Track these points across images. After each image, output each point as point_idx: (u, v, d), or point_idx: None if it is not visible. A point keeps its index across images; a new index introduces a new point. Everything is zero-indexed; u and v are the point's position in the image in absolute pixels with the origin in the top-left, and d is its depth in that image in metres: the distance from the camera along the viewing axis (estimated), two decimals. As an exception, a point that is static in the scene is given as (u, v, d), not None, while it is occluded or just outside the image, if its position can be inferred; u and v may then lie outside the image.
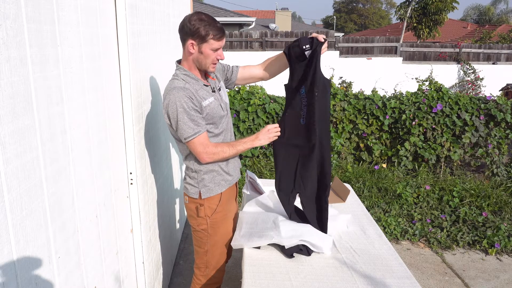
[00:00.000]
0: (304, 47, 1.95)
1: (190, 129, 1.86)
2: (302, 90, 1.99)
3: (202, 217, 2.05)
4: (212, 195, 2.03)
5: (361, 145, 4.95)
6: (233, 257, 3.04)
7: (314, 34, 1.99)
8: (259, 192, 2.46)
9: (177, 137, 1.97)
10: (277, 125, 2.06)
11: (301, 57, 1.99)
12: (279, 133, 2.05)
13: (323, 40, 1.94)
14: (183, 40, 1.92)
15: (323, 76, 1.97)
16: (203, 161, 1.95)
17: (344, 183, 2.72)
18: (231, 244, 2.04)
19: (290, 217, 2.13)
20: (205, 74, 2.05)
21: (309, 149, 2.01)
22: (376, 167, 4.69)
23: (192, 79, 1.94)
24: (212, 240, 2.09)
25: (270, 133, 2.03)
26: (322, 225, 2.09)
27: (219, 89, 2.09)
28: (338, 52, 10.32)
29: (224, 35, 1.93)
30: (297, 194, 2.11)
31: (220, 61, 2.02)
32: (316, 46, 1.93)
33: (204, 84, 1.98)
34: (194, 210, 2.06)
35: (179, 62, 2.02)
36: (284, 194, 2.12)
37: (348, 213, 2.38)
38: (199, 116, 1.89)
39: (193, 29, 1.85)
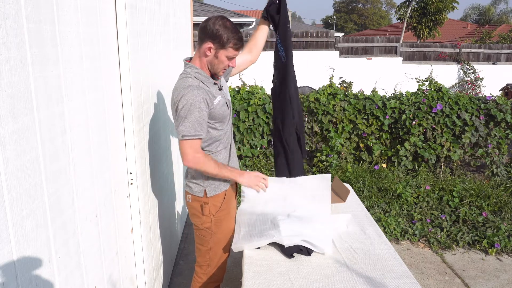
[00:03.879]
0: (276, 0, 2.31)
1: (192, 129, 1.86)
2: (277, 42, 2.37)
3: (206, 215, 2.06)
4: (218, 193, 2.05)
5: (361, 145, 4.95)
6: (233, 257, 3.03)
7: None
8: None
9: None
10: (266, 178, 2.12)
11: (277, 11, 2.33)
12: (264, 187, 2.10)
13: None
14: (201, 40, 1.93)
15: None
16: (186, 163, 1.93)
17: (344, 183, 2.72)
18: (232, 247, 2.03)
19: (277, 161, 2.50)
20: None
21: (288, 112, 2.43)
22: (376, 167, 4.69)
23: (204, 77, 1.96)
24: (216, 238, 2.11)
25: (257, 180, 2.07)
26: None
27: (222, 88, 2.11)
28: (338, 52, 10.32)
29: (243, 45, 1.97)
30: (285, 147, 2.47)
31: None
32: None
33: (213, 83, 2.01)
34: (198, 209, 2.07)
35: (188, 59, 2.03)
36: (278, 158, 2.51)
37: (348, 213, 2.38)
38: (205, 121, 1.91)
39: (216, 33, 1.86)
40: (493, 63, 10.56)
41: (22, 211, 1.09)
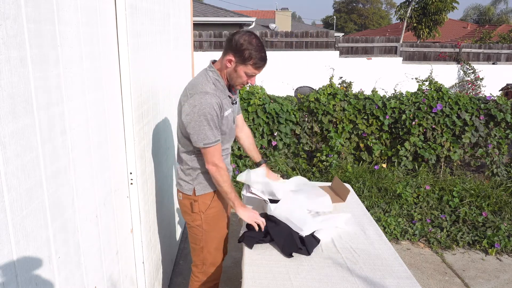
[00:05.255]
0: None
1: (212, 137, 1.90)
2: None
3: (196, 213, 2.10)
4: (206, 192, 2.08)
5: (361, 145, 4.95)
6: (233, 257, 3.04)
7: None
8: (257, 194, 2.45)
9: (187, 136, 1.98)
10: (263, 220, 2.07)
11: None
12: (260, 224, 2.04)
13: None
14: (225, 50, 1.95)
15: None
16: (209, 166, 1.97)
17: (344, 183, 2.72)
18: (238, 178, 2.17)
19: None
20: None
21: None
22: (376, 167, 4.69)
23: (221, 86, 1.99)
24: (207, 236, 2.13)
25: (254, 218, 2.05)
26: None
27: (236, 102, 2.15)
28: (338, 52, 10.32)
29: (264, 66, 1.96)
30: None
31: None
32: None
33: (228, 95, 2.03)
34: (188, 206, 2.11)
35: (213, 61, 2.05)
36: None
37: (348, 213, 2.39)
38: (218, 126, 1.95)
39: (240, 48, 1.87)
40: (493, 63, 10.56)
41: (22, 211, 1.09)
